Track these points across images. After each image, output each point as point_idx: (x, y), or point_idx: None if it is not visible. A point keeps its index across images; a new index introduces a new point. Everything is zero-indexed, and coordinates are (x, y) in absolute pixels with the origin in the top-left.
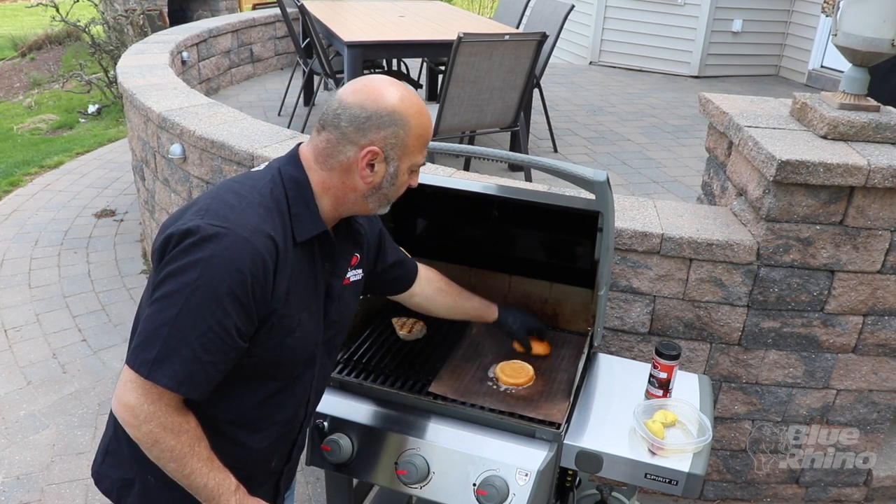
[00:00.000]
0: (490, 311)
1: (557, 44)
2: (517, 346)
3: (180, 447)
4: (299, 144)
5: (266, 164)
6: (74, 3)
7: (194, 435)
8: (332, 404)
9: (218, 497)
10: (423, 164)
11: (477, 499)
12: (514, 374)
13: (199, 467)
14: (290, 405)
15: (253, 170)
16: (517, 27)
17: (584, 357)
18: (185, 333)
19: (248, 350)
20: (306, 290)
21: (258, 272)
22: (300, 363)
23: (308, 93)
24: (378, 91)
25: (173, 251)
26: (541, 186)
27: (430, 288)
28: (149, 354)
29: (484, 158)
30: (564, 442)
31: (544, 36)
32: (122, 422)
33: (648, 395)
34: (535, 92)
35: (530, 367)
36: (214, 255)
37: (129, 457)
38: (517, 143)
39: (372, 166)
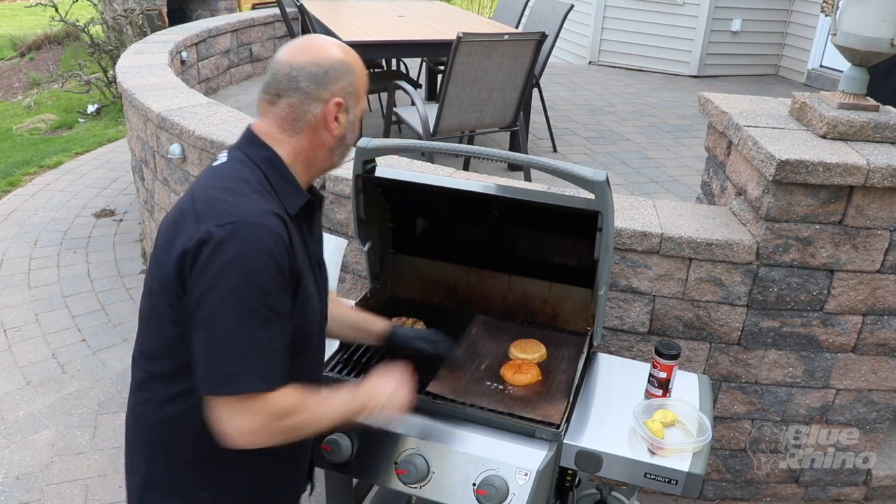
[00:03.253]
0: (378, 323)
1: (557, 43)
2: (514, 350)
3: (305, 416)
4: (250, 126)
5: (225, 155)
6: (73, 3)
7: (299, 396)
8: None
9: (355, 411)
10: (369, 110)
11: (477, 498)
12: (520, 369)
13: (325, 412)
14: (313, 376)
15: (217, 164)
16: (516, 27)
17: (583, 357)
18: (250, 334)
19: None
20: (305, 259)
21: (281, 248)
22: (315, 333)
23: None
24: (322, 47)
25: (196, 266)
26: (540, 186)
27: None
28: (230, 370)
29: (483, 158)
30: (564, 441)
31: (544, 36)
32: (250, 447)
33: (648, 395)
34: (535, 92)
35: (542, 346)
36: (239, 252)
37: (171, 485)
38: (517, 143)
39: (338, 118)
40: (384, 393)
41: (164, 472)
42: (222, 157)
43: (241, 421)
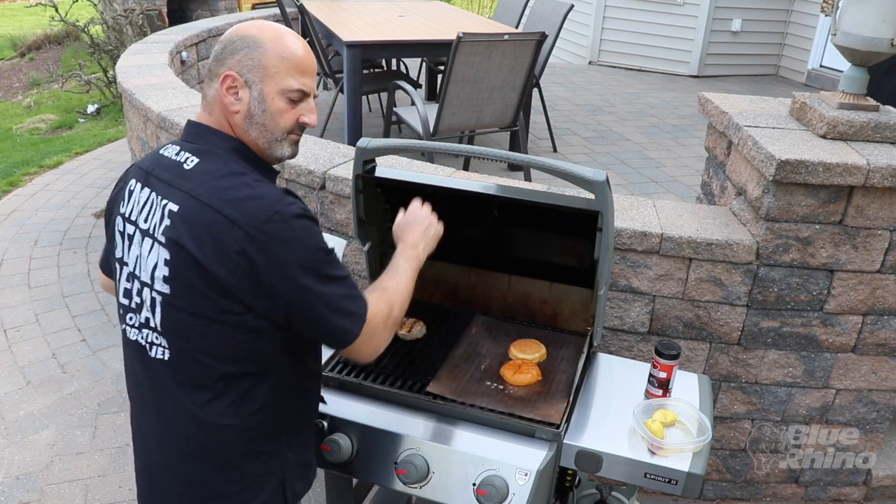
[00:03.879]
0: None
1: (557, 43)
2: (514, 350)
3: (395, 305)
4: (189, 122)
5: (186, 153)
6: (73, 2)
7: (378, 292)
8: (332, 404)
9: (416, 267)
10: (309, 93)
11: (477, 498)
12: (520, 369)
13: (404, 290)
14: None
15: (197, 167)
16: (516, 27)
17: (583, 357)
18: (342, 282)
19: None
20: None
21: (311, 212)
22: None
23: None
24: (238, 26)
25: (268, 265)
26: (540, 186)
27: None
28: (354, 312)
29: (483, 158)
30: (564, 441)
31: (543, 36)
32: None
33: (648, 395)
34: (535, 92)
35: (542, 346)
36: (296, 235)
37: (269, 451)
38: (516, 143)
39: (236, 93)
40: (423, 237)
41: (262, 455)
42: (188, 158)
43: (376, 342)
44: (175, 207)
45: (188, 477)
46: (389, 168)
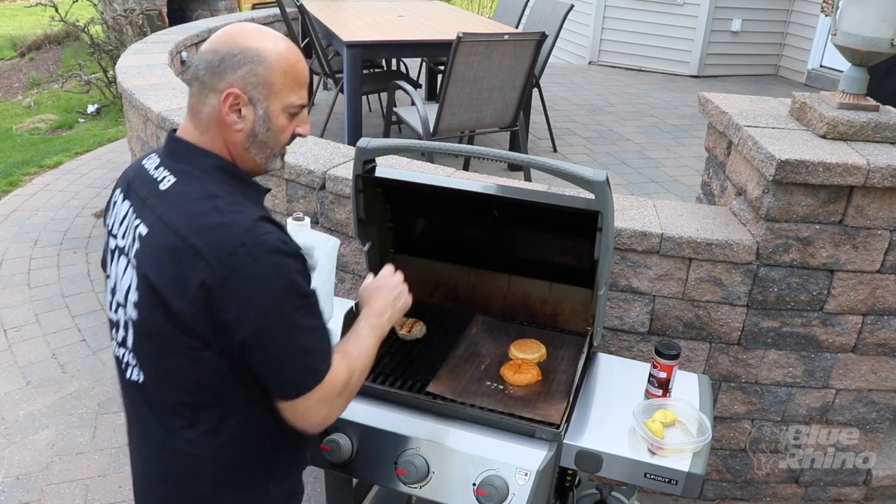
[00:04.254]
0: None
1: (557, 43)
2: (514, 350)
3: (354, 373)
4: (174, 133)
5: (164, 171)
6: (73, 2)
7: (341, 356)
8: None
9: (379, 336)
10: (306, 105)
11: (477, 498)
12: (520, 369)
13: (361, 353)
14: None
15: (170, 188)
16: (516, 27)
17: (583, 357)
18: (309, 329)
19: None
20: None
21: (287, 240)
22: None
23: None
24: (231, 33)
25: (230, 299)
26: (540, 186)
27: None
28: (311, 366)
29: (483, 158)
30: (564, 441)
31: (543, 36)
32: (327, 425)
33: (648, 395)
34: (535, 92)
35: (542, 346)
36: (262, 269)
37: (248, 484)
38: (516, 143)
39: (239, 112)
40: (391, 306)
41: (242, 488)
42: (166, 178)
43: (327, 411)
44: (144, 231)
45: (164, 502)
46: (389, 168)
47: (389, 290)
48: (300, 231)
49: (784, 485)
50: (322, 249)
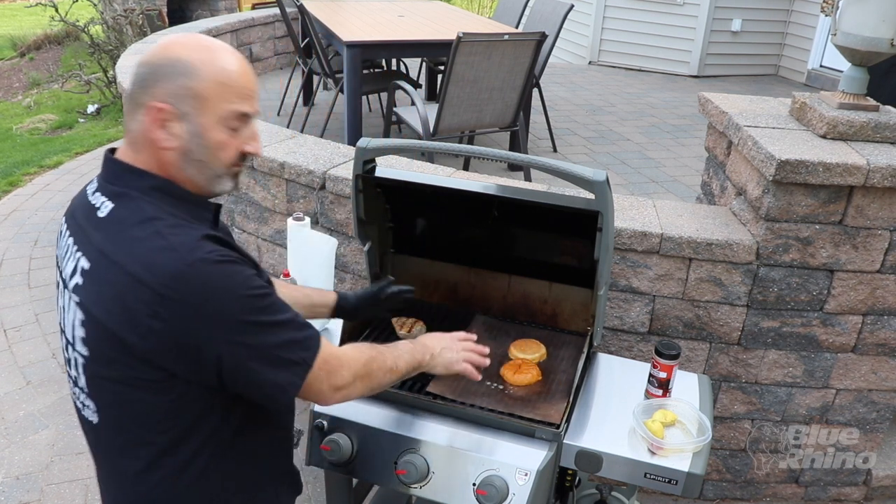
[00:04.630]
0: (326, 294)
1: (557, 43)
2: (514, 350)
3: (377, 360)
4: (111, 153)
5: (104, 199)
6: (73, 2)
7: (365, 345)
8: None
9: (419, 361)
10: (251, 115)
11: (477, 498)
12: (520, 369)
13: (394, 356)
14: None
15: (109, 215)
16: (516, 27)
17: (583, 357)
18: (278, 327)
19: None
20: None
21: (228, 252)
22: None
23: (307, 92)
24: (166, 44)
25: (187, 327)
26: (540, 186)
27: None
28: (294, 359)
29: (483, 158)
30: (564, 441)
31: (543, 36)
32: (345, 401)
33: (648, 395)
34: (535, 92)
35: (542, 346)
36: (209, 289)
37: None
38: (516, 143)
39: (167, 128)
40: (440, 354)
41: None
42: (103, 203)
43: (331, 380)
44: (87, 265)
45: None
46: (389, 168)
47: (442, 339)
48: (300, 231)
49: (784, 485)
50: (321, 250)
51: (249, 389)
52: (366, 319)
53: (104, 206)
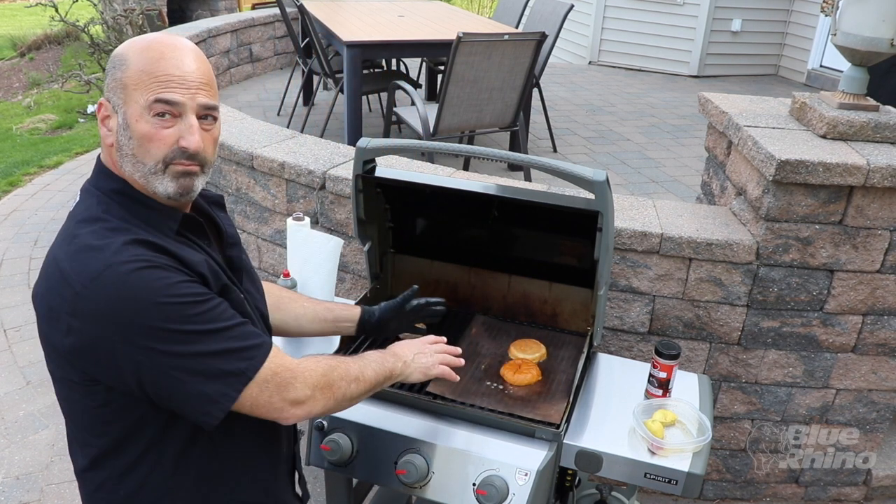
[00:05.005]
0: (351, 310)
1: (557, 43)
2: (514, 350)
3: (338, 369)
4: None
5: (78, 196)
6: (73, 2)
7: (324, 356)
8: None
9: (390, 369)
10: (179, 104)
11: (477, 498)
12: (520, 369)
13: (360, 366)
14: None
15: (71, 211)
16: (516, 27)
17: (583, 357)
18: (209, 334)
19: None
20: (212, 266)
21: (160, 259)
22: None
23: (307, 92)
24: (125, 44)
25: (102, 332)
26: (540, 186)
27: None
28: (232, 370)
29: (483, 158)
30: (564, 441)
31: (543, 36)
32: (307, 416)
33: (648, 395)
34: (535, 92)
35: (542, 346)
36: (134, 296)
37: None
38: (516, 143)
39: (105, 123)
40: (413, 360)
41: None
42: (76, 198)
43: (284, 394)
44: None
45: None
46: (389, 168)
47: (416, 345)
48: (300, 231)
49: (784, 485)
50: (322, 249)
51: (176, 402)
52: (395, 334)
53: (75, 199)
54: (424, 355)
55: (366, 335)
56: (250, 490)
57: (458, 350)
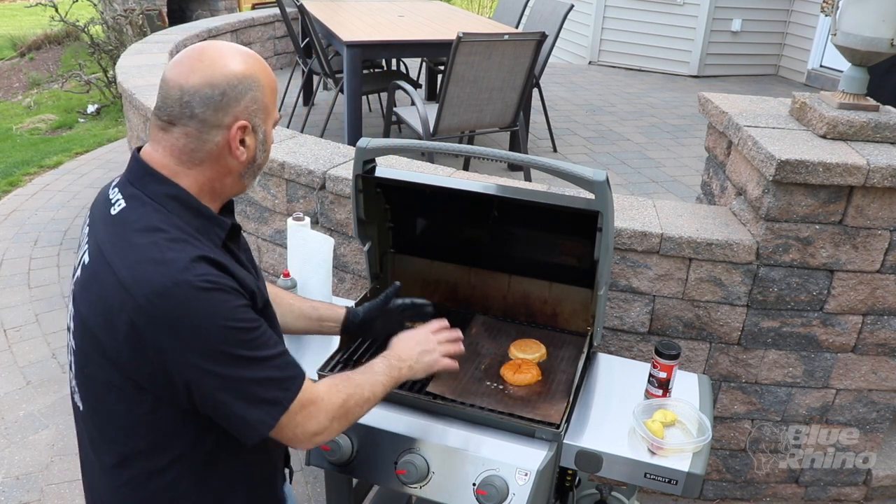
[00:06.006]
0: (336, 310)
1: (557, 43)
2: (514, 350)
3: (354, 397)
4: (138, 152)
5: (119, 195)
6: (73, 2)
7: (341, 380)
8: None
9: (396, 378)
10: (280, 118)
11: (477, 498)
12: (520, 369)
13: (371, 385)
14: None
15: (118, 213)
16: (516, 27)
17: (583, 357)
18: (257, 362)
19: None
20: (245, 274)
21: (224, 280)
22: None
23: (307, 92)
24: (215, 61)
25: (161, 343)
26: (540, 186)
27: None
28: (269, 398)
29: (483, 158)
30: (564, 441)
31: (543, 36)
32: (322, 443)
33: (648, 395)
34: (535, 92)
35: (542, 346)
36: (192, 312)
37: None
38: (516, 143)
39: (244, 142)
40: (416, 359)
41: None
42: (118, 200)
43: (308, 426)
44: (87, 259)
45: None
46: (389, 168)
47: (418, 342)
48: (300, 231)
49: (784, 485)
50: (321, 249)
51: (221, 419)
52: (381, 335)
53: (117, 204)
54: (428, 353)
55: (351, 336)
56: (262, 488)
57: (460, 335)
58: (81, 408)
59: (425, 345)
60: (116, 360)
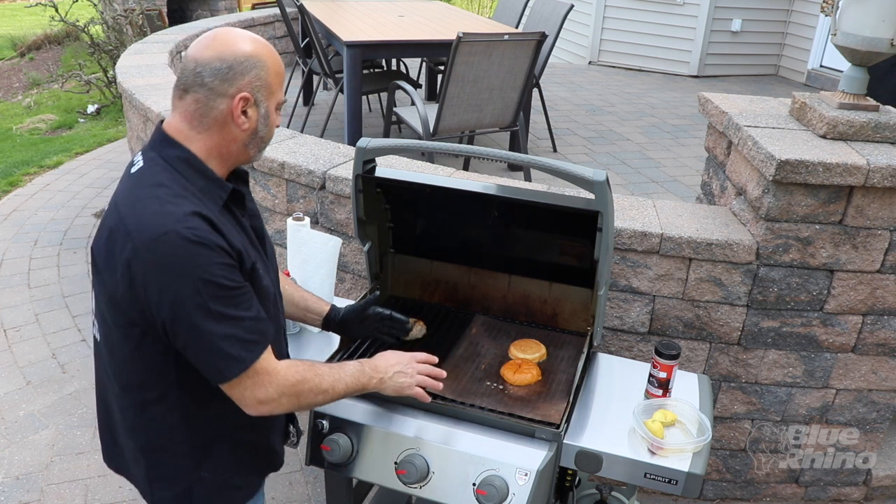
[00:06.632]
0: (322, 304)
1: (557, 43)
2: (514, 350)
3: (310, 382)
4: (161, 123)
5: (140, 158)
6: (73, 2)
7: (304, 365)
8: (332, 404)
9: (364, 384)
10: (284, 101)
11: (477, 498)
12: (520, 369)
13: (333, 379)
14: (277, 346)
15: (135, 171)
16: (516, 27)
17: (583, 357)
18: (227, 320)
19: None
20: (244, 240)
21: (213, 238)
22: (271, 304)
23: (307, 92)
24: (229, 41)
25: (147, 283)
26: (540, 186)
27: None
28: (231, 354)
29: (483, 158)
30: (564, 441)
31: (543, 36)
32: (269, 414)
33: (648, 395)
34: (535, 92)
35: (542, 346)
36: (180, 258)
37: (175, 469)
38: (516, 143)
39: (245, 112)
40: (391, 377)
41: (169, 463)
42: (138, 161)
43: (256, 392)
44: (107, 209)
45: (108, 446)
46: (389, 168)
47: (398, 362)
48: (300, 231)
49: (784, 485)
50: (322, 249)
51: (188, 356)
52: (358, 336)
53: (137, 164)
54: (404, 375)
55: (331, 331)
56: (251, 436)
57: (443, 374)
58: (98, 338)
59: (404, 367)
60: (114, 296)
